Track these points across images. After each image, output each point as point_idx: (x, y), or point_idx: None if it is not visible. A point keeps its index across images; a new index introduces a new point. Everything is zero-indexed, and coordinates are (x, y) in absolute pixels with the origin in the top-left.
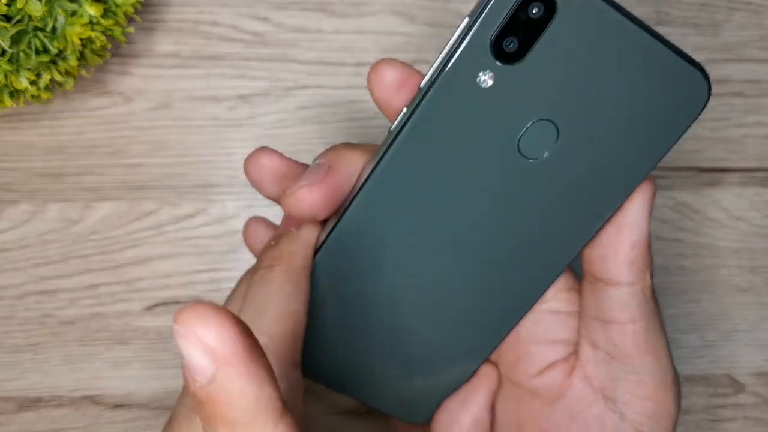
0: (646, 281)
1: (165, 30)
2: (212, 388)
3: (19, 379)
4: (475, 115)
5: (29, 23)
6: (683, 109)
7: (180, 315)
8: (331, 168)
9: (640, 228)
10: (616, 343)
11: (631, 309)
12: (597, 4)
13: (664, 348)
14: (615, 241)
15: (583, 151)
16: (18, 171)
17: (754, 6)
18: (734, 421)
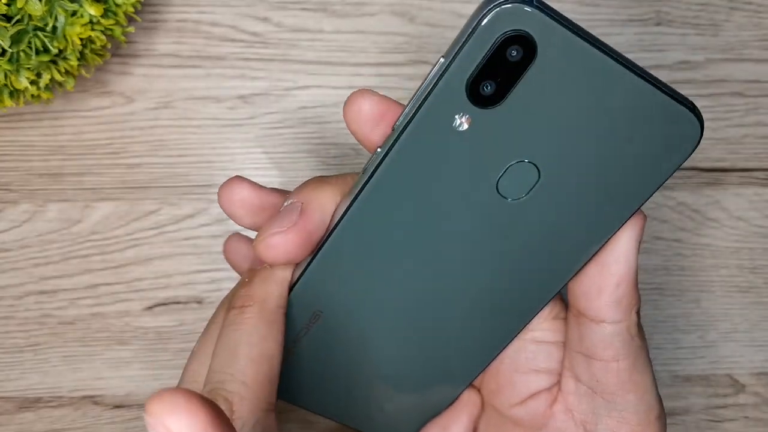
0: (631, 319)
1: (165, 30)
2: None
3: (19, 379)
4: (451, 158)
5: (29, 23)
6: (673, 149)
7: (149, 405)
8: (303, 210)
9: (626, 266)
10: (599, 380)
11: (615, 347)
12: (579, 45)
13: (649, 383)
14: (599, 279)
15: (566, 190)
16: (18, 171)
17: (754, 6)
18: (734, 421)
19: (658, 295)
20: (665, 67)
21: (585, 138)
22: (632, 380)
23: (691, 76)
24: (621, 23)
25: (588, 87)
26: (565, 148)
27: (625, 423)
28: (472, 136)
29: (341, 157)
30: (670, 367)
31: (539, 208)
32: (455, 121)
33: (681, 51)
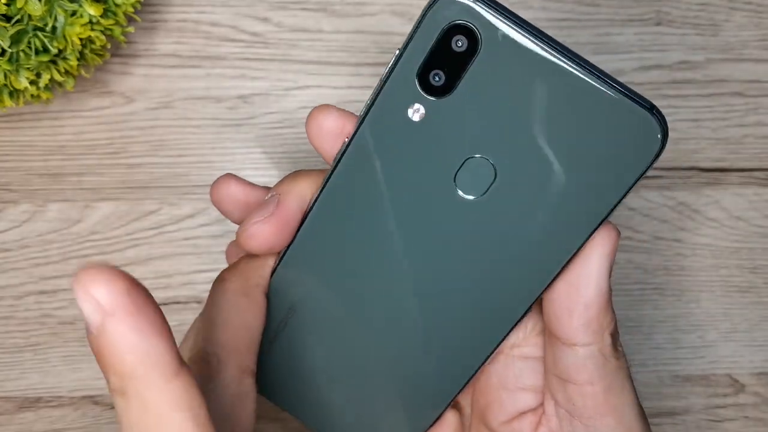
0: (604, 341)
1: (165, 30)
2: (102, 340)
3: (19, 379)
4: (408, 149)
5: (29, 23)
6: (633, 155)
7: (76, 276)
8: (280, 201)
9: (596, 287)
10: (575, 403)
11: (589, 371)
12: (521, 40)
13: (629, 405)
14: (568, 300)
15: (523, 193)
16: (18, 171)
17: (754, 6)
18: (734, 421)
19: (658, 295)
20: (665, 67)
21: (537, 138)
22: (608, 403)
23: (691, 76)
24: (621, 23)
25: (534, 83)
26: (517, 146)
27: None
28: (427, 126)
29: None
30: (670, 367)
31: (499, 210)
32: (409, 111)
33: (681, 51)
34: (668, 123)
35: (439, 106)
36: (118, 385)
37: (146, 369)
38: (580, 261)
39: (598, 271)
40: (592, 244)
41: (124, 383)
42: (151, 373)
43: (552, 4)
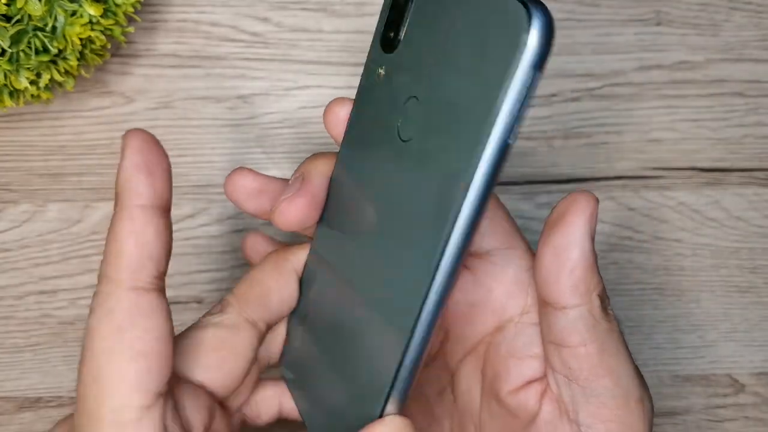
0: (593, 302)
1: (165, 30)
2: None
3: (19, 379)
4: (376, 108)
5: (29, 23)
6: (505, 51)
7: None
8: (305, 178)
9: (579, 250)
10: (571, 366)
11: (580, 332)
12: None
13: (624, 366)
14: (555, 265)
15: (437, 120)
16: (18, 171)
17: (754, 6)
18: (734, 421)
19: (658, 295)
20: (665, 67)
21: (444, 65)
22: (604, 364)
23: (691, 77)
24: (621, 23)
25: (443, 15)
26: (432, 79)
27: (603, 408)
28: (386, 82)
29: None
30: (670, 367)
31: (424, 145)
32: (378, 72)
33: (681, 51)
34: (670, 122)
35: (391, 60)
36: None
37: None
38: (563, 227)
39: (580, 234)
40: (573, 210)
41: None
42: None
43: (552, 4)
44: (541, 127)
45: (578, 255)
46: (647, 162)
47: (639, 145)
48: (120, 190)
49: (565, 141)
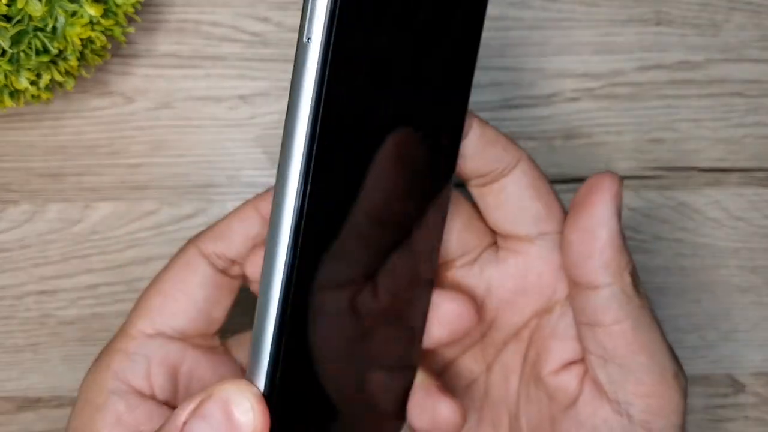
0: (624, 280)
1: (166, 30)
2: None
3: (19, 379)
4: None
5: (29, 23)
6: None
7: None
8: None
9: (608, 229)
10: (606, 346)
11: (614, 310)
12: None
13: (658, 342)
14: (585, 246)
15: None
16: (18, 171)
17: (754, 6)
18: (734, 421)
19: (659, 295)
20: (665, 68)
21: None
22: (638, 341)
23: (691, 77)
24: (621, 23)
25: None
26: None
27: (641, 385)
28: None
29: None
30: None
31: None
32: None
33: (681, 51)
34: (670, 123)
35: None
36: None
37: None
38: (590, 207)
39: (607, 213)
40: (598, 190)
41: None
42: None
43: (552, 4)
44: (541, 127)
45: (607, 234)
46: (647, 162)
47: (639, 145)
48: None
49: (565, 141)
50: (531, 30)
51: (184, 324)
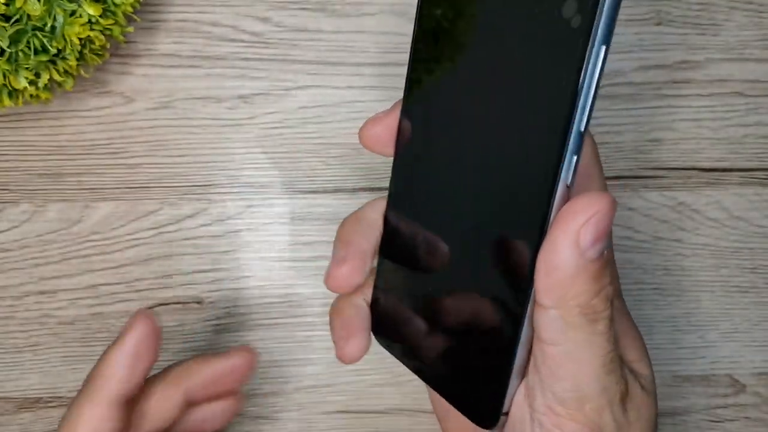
0: (568, 309)
1: (165, 30)
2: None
3: (19, 379)
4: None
5: (28, 23)
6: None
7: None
8: (347, 243)
9: (559, 257)
10: (537, 358)
11: (552, 332)
12: None
13: (587, 375)
14: (540, 262)
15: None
16: (18, 171)
17: (754, 5)
18: (735, 421)
19: (658, 295)
20: (665, 67)
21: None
22: (567, 368)
23: (692, 76)
24: (621, 23)
25: None
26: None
27: (556, 404)
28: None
29: (341, 157)
30: (671, 367)
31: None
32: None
33: (681, 51)
34: (669, 122)
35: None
36: None
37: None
38: (551, 229)
39: (563, 242)
40: (565, 215)
41: None
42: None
43: None
44: None
45: (557, 262)
46: (647, 162)
47: (639, 145)
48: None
49: None
50: None
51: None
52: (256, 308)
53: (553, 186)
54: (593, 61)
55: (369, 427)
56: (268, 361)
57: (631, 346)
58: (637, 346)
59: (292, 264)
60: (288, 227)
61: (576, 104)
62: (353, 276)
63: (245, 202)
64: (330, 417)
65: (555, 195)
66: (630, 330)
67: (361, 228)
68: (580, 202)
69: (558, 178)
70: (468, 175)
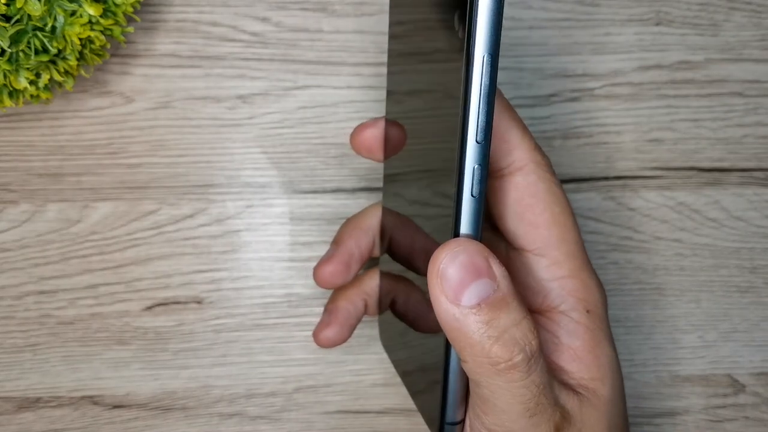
0: (472, 360)
1: (165, 30)
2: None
3: (19, 379)
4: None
5: (28, 23)
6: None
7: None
8: (338, 243)
9: (438, 313)
10: (471, 385)
11: (469, 374)
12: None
13: (509, 420)
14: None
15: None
16: (18, 171)
17: (754, 6)
18: (734, 421)
19: (658, 295)
20: (665, 67)
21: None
22: (489, 406)
23: (691, 76)
24: (621, 23)
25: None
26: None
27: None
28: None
29: (341, 157)
30: (670, 367)
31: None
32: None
33: (681, 51)
34: (669, 122)
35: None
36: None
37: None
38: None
39: (432, 292)
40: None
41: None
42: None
43: (552, 4)
44: (541, 127)
45: (440, 318)
46: (647, 162)
47: (639, 145)
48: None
49: (565, 141)
50: (531, 30)
51: None
52: (255, 308)
53: (458, 200)
54: (476, 71)
55: (368, 428)
56: (268, 361)
57: (593, 365)
58: (601, 363)
59: (291, 264)
60: (287, 227)
61: (466, 114)
62: (336, 275)
63: (245, 202)
64: (329, 417)
65: (461, 209)
66: (597, 347)
67: (355, 231)
68: (436, 254)
69: (461, 189)
70: (419, 182)
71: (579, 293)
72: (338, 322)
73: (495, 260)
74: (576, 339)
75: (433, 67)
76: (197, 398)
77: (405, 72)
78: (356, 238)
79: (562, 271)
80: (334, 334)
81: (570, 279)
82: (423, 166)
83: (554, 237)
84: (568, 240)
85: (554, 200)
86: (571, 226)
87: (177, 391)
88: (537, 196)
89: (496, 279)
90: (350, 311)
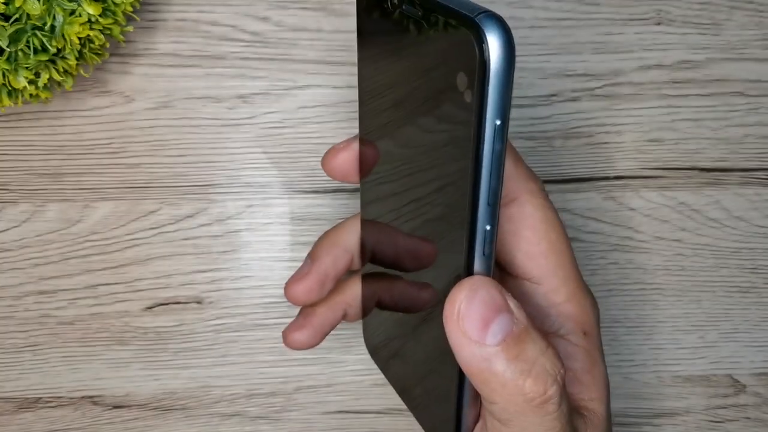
0: (506, 400)
1: (165, 29)
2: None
3: (19, 379)
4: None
5: (27, 22)
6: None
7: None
8: (313, 260)
9: (460, 358)
10: (485, 420)
11: (497, 415)
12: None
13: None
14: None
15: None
16: (18, 171)
17: (755, 5)
18: (735, 421)
19: (659, 295)
20: (666, 67)
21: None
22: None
23: (692, 76)
24: (621, 23)
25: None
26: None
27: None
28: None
29: None
30: (671, 367)
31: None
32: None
33: (682, 50)
34: (670, 122)
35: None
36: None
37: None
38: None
39: (451, 337)
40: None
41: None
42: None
43: (552, 4)
44: (541, 127)
45: (463, 363)
46: (647, 162)
47: (639, 145)
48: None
49: (565, 141)
50: (531, 30)
51: None
52: (255, 308)
53: (470, 259)
54: (488, 137)
55: (369, 428)
56: (269, 361)
57: (591, 384)
58: (597, 383)
59: (291, 264)
60: (288, 227)
61: (478, 179)
62: (309, 293)
63: (245, 202)
64: (330, 417)
65: (473, 266)
66: (594, 367)
67: (333, 249)
68: (450, 296)
69: (473, 249)
70: (405, 216)
71: (576, 317)
72: (312, 327)
73: (507, 293)
74: (575, 361)
75: (420, 108)
76: (197, 398)
77: (381, 106)
78: (333, 256)
79: (559, 298)
80: (305, 338)
81: (567, 304)
82: (402, 174)
83: (551, 265)
84: (564, 265)
85: (550, 227)
86: (566, 250)
87: (177, 391)
88: (533, 228)
89: (513, 312)
90: (327, 318)
